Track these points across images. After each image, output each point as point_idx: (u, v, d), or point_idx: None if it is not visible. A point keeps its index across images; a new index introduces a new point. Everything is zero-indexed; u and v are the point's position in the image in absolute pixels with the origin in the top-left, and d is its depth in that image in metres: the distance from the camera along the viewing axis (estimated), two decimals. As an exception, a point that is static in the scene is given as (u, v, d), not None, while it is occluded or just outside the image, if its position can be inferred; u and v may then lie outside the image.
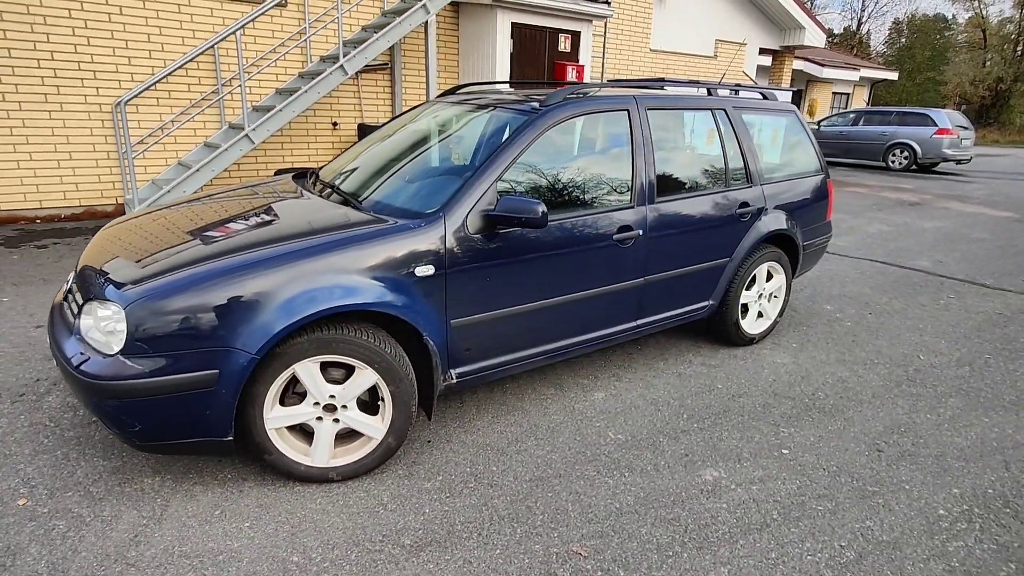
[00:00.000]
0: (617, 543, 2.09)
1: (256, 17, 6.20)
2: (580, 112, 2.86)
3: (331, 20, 7.40)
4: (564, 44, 8.53)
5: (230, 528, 2.08)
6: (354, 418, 2.30)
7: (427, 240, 2.34)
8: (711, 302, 3.49)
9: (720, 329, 3.67)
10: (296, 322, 2.05)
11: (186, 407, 2.00)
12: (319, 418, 2.26)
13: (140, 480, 2.31)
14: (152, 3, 6.34)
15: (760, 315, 3.84)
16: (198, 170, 5.95)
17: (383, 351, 2.23)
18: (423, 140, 3.12)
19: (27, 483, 2.26)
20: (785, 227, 3.65)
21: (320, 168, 3.37)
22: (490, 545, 2.06)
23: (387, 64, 8.01)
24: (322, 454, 2.29)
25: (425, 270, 2.33)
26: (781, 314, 3.92)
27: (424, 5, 6.97)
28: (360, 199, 2.69)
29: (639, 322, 3.17)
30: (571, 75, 8.43)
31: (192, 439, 2.07)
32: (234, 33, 6.09)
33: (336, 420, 2.28)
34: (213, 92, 6.79)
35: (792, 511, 2.29)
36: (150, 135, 6.51)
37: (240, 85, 6.28)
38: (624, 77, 10.69)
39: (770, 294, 3.84)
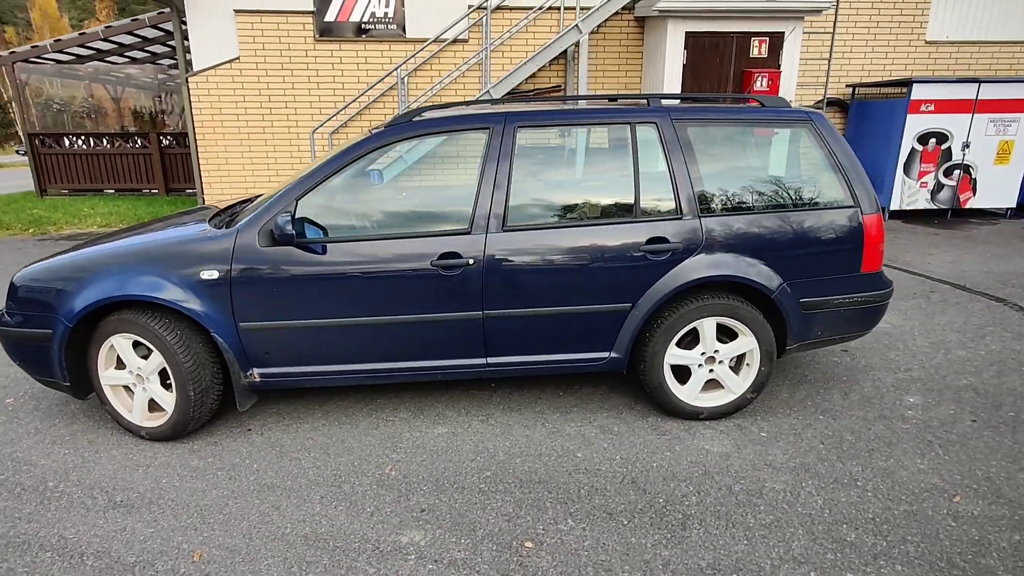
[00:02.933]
0: (229, 564, 2.09)
1: (422, 50, 7.18)
2: (414, 135, 2.76)
3: (508, 49, 8.00)
4: (758, 48, 7.39)
5: (56, 451, 2.79)
6: (153, 390, 2.78)
7: (216, 249, 2.66)
8: (613, 354, 2.88)
9: (645, 391, 2.98)
10: (92, 304, 2.62)
11: (36, 354, 2.77)
12: (134, 384, 2.81)
13: (79, 404, 3.22)
14: (363, 51, 7.91)
15: (718, 384, 2.95)
16: (363, 185, 7.24)
17: (164, 337, 2.65)
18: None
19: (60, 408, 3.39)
20: (740, 273, 2.75)
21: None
22: (151, 522, 2.29)
23: (560, 86, 8.23)
24: (137, 414, 2.83)
25: (209, 274, 2.65)
26: (757, 390, 2.93)
27: (577, 26, 6.99)
28: (236, 217, 3.09)
29: (490, 361, 2.85)
30: (760, 84, 7.26)
31: (48, 379, 2.83)
32: (415, 69, 7.19)
33: (145, 389, 2.80)
34: (402, 120, 8.08)
35: (424, 605, 1.90)
36: (351, 156, 8.13)
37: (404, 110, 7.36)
38: (872, 80, 8.61)
39: (734, 359, 2.92)
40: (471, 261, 2.70)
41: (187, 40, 7.97)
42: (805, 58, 8.27)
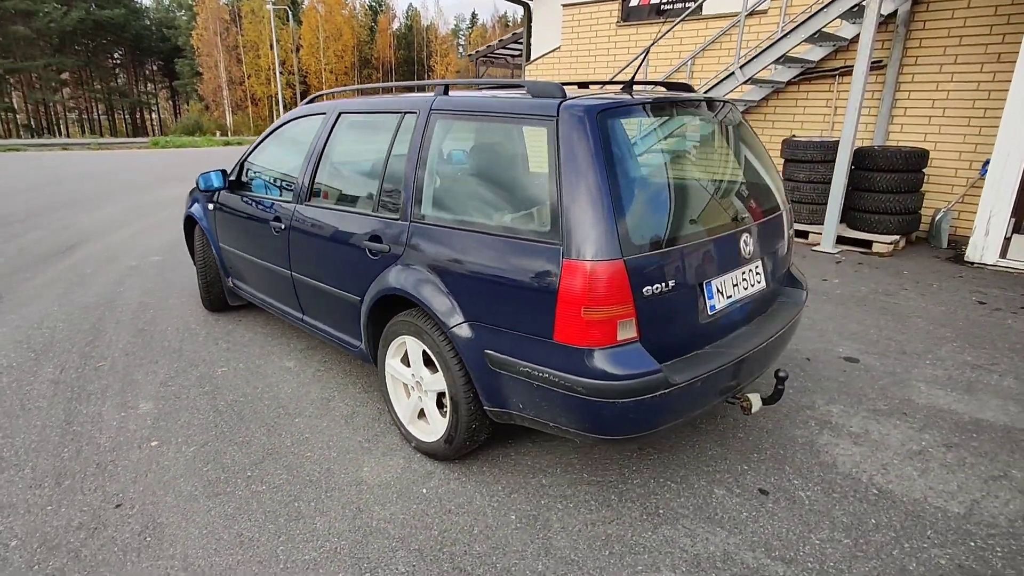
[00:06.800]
0: (106, 365, 3.42)
1: (675, 19, 6.54)
2: (294, 117, 3.30)
3: (809, 19, 6.40)
4: None
5: (180, 299, 4.71)
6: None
7: (216, 189, 3.94)
8: (359, 345, 2.84)
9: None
10: (186, 215, 4.31)
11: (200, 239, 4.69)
12: (203, 270, 4.44)
13: (228, 279, 5.19)
14: (656, 34, 7.72)
15: (425, 417, 2.54)
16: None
17: (195, 242, 4.15)
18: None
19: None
20: (407, 289, 2.33)
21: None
22: (132, 333, 3.84)
23: (852, 67, 6.05)
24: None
25: (212, 206, 3.96)
26: (449, 442, 2.38)
27: (864, -20, 5.10)
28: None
29: (304, 319, 3.26)
30: None
31: (190, 256, 4.75)
32: (703, 48, 6.75)
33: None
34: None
35: None
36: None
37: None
38: None
39: (440, 395, 2.46)
40: (283, 226, 3.16)
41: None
42: None
